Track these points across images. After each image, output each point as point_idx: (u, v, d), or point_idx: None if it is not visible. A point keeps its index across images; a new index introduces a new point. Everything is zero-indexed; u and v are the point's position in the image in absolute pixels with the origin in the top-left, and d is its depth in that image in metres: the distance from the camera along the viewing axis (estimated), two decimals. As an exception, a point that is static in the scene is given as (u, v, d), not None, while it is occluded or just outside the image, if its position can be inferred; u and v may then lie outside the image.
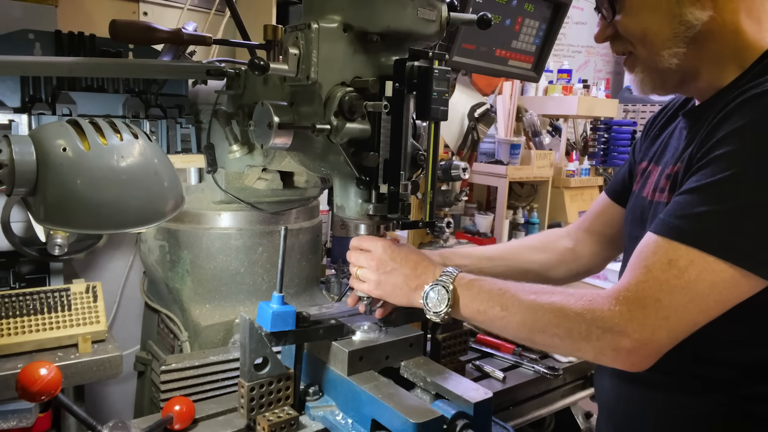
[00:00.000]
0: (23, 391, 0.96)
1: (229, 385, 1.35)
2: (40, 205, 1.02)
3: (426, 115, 1.05)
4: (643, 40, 1.01)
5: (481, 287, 1.04)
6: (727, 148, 0.87)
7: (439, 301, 1.04)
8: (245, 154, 1.33)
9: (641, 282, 0.87)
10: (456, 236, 3.39)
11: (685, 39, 0.97)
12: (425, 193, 1.11)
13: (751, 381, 0.97)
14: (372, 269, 1.14)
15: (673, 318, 0.85)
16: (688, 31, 0.96)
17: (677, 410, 1.04)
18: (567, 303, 0.93)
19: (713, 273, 0.84)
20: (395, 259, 1.12)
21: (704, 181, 0.88)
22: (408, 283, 1.10)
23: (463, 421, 1.05)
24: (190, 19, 2.24)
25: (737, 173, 0.85)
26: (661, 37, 0.98)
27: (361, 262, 1.16)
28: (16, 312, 1.45)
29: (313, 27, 1.00)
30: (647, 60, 1.02)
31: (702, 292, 0.85)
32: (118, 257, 2.13)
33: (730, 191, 0.85)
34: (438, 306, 1.04)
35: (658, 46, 0.99)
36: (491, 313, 1.01)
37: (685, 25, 0.96)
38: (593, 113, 3.91)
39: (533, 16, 1.81)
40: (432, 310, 1.05)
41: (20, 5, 1.72)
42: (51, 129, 1.05)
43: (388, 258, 1.12)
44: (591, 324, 0.89)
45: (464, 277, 1.06)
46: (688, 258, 0.85)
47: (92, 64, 1.30)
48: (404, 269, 1.11)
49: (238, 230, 1.52)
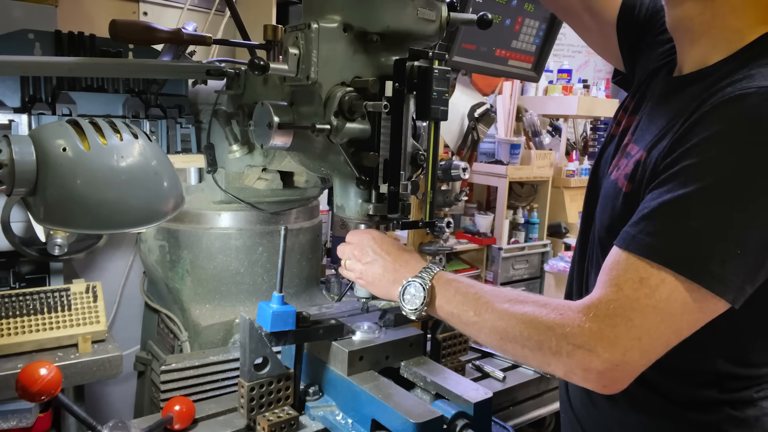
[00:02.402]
0: (23, 391, 0.97)
1: (229, 385, 1.35)
2: (40, 205, 1.02)
3: (426, 115, 1.05)
4: None
5: (458, 289, 1.02)
6: (699, 158, 0.84)
7: (416, 297, 1.03)
8: (245, 154, 1.33)
9: (612, 300, 0.84)
10: (456, 236, 3.39)
11: None
12: (425, 193, 1.11)
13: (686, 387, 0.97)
14: (355, 258, 1.15)
15: (645, 338, 0.82)
16: None
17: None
18: (539, 315, 0.90)
19: (684, 293, 0.81)
20: (376, 250, 1.12)
21: (676, 193, 0.84)
22: (386, 276, 1.10)
23: (463, 421, 1.05)
24: (190, 19, 2.24)
25: (710, 188, 0.82)
26: None
27: (345, 253, 1.18)
28: (16, 312, 1.45)
29: (313, 27, 1.00)
30: None
31: (674, 311, 0.82)
32: (118, 257, 2.13)
33: (700, 209, 0.82)
34: (413, 303, 1.03)
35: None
36: (464, 318, 0.99)
37: None
38: (593, 113, 3.91)
39: (533, 16, 1.82)
40: (407, 306, 1.04)
41: (20, 5, 1.72)
42: (51, 129, 1.05)
43: (369, 249, 1.13)
44: (561, 339, 0.86)
45: (443, 276, 1.05)
46: (660, 277, 0.82)
47: (92, 64, 1.30)
48: (384, 261, 1.11)
49: (238, 230, 1.52)
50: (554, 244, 3.69)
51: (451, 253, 3.15)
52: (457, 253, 3.43)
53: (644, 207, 0.89)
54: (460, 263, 3.48)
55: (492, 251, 3.46)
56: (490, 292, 0.99)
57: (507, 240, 3.49)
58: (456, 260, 3.47)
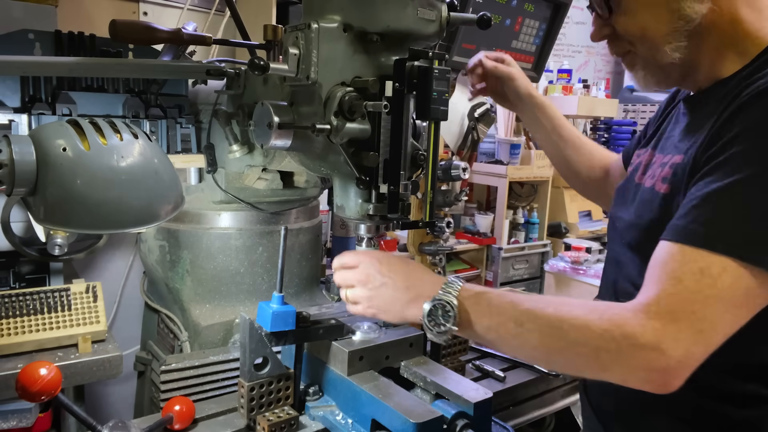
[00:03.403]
0: (23, 391, 0.96)
1: (229, 385, 1.35)
2: (40, 205, 1.02)
3: (426, 115, 1.05)
4: (642, 38, 0.99)
5: (490, 301, 0.93)
6: (745, 145, 0.83)
7: (443, 317, 0.93)
8: (245, 154, 1.33)
9: (672, 294, 0.81)
10: (456, 236, 3.39)
11: (685, 33, 0.95)
12: (425, 193, 1.11)
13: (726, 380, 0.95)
14: (360, 285, 1.04)
15: (709, 330, 0.80)
16: (688, 24, 0.94)
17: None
18: (591, 318, 0.84)
19: (749, 279, 0.80)
20: (383, 271, 1.02)
21: (726, 181, 0.83)
22: (400, 297, 1.00)
23: (463, 421, 1.05)
24: (190, 19, 2.24)
25: (760, 173, 0.82)
26: (661, 32, 0.96)
27: (348, 280, 1.06)
28: (16, 312, 1.45)
29: (313, 27, 1.00)
30: (648, 57, 1.00)
31: (737, 299, 0.81)
32: (118, 257, 2.13)
33: (755, 193, 0.82)
34: (440, 324, 0.93)
35: (659, 41, 0.97)
36: (504, 331, 0.90)
37: (684, 20, 0.94)
38: (593, 113, 3.91)
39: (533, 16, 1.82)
40: (434, 329, 0.93)
41: (20, 5, 1.72)
42: (51, 129, 1.05)
43: (375, 271, 1.02)
44: (622, 341, 0.81)
45: (470, 288, 0.95)
46: (721, 265, 0.80)
47: (92, 64, 1.30)
48: (395, 281, 1.01)
49: (238, 230, 1.52)
50: (554, 244, 3.69)
51: (451, 253, 3.15)
52: (457, 253, 3.43)
53: (692, 198, 0.87)
54: (460, 263, 3.48)
55: (492, 251, 3.46)
56: (529, 300, 0.91)
57: (507, 240, 3.49)
58: (456, 260, 3.47)
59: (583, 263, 3.31)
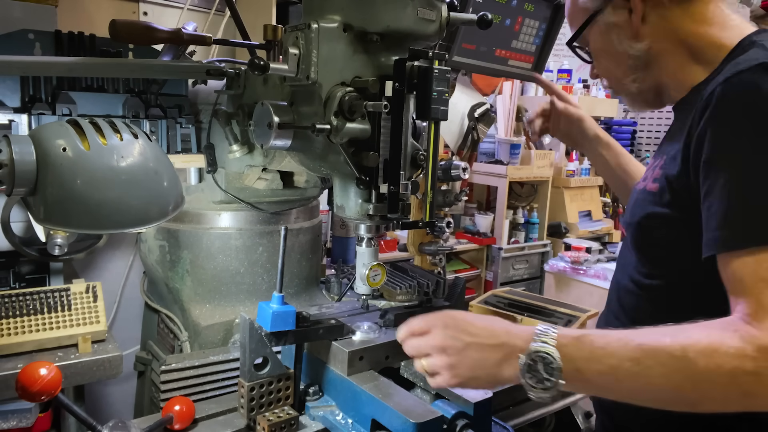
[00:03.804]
0: (23, 391, 0.96)
1: (229, 385, 1.35)
2: (40, 205, 1.02)
3: (426, 115, 1.05)
4: (608, 77, 1.20)
5: (594, 343, 0.83)
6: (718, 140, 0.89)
7: (546, 371, 0.82)
8: (245, 154, 1.33)
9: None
10: (456, 236, 3.39)
11: (638, 66, 1.12)
12: (425, 193, 1.11)
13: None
14: (438, 353, 0.92)
15: None
16: (636, 60, 1.11)
17: None
18: (716, 339, 0.78)
19: None
20: (462, 332, 0.90)
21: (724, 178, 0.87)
22: (490, 357, 0.88)
23: (463, 421, 1.05)
24: (190, 19, 2.24)
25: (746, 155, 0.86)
26: (620, 70, 1.15)
27: (422, 349, 0.94)
28: (16, 312, 1.45)
29: (313, 27, 1.00)
30: (618, 89, 1.20)
31: None
32: (118, 257, 2.13)
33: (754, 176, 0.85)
34: (545, 380, 0.82)
35: (620, 77, 1.16)
36: (621, 374, 0.80)
37: (632, 58, 1.11)
38: (593, 113, 3.91)
39: (533, 16, 1.81)
40: (538, 386, 0.82)
41: (20, 5, 1.72)
42: (51, 129, 1.05)
43: (453, 333, 0.91)
44: (760, 357, 0.74)
45: (567, 335, 0.84)
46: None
47: (92, 64, 1.30)
48: (479, 340, 0.89)
49: (238, 230, 1.52)
50: (554, 244, 3.69)
51: (451, 253, 3.15)
52: (457, 253, 3.43)
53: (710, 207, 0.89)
54: (460, 263, 3.48)
55: (492, 251, 3.46)
56: (637, 334, 0.83)
57: (507, 240, 3.49)
58: (456, 260, 3.47)
59: (583, 263, 3.31)
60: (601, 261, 3.34)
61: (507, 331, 0.89)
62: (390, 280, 1.63)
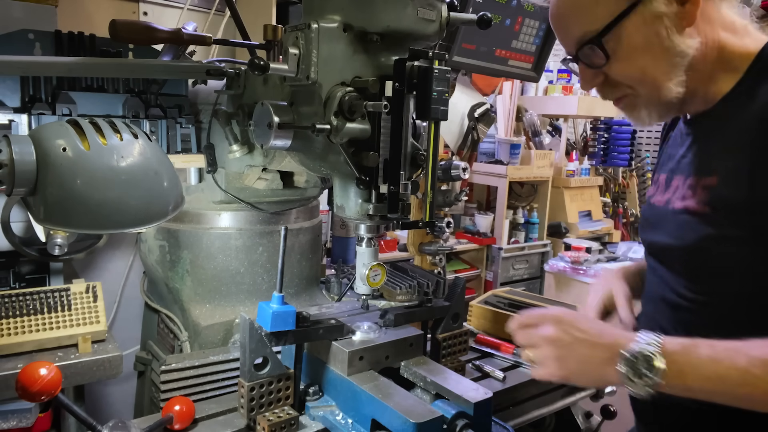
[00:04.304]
0: (23, 391, 0.96)
1: (229, 385, 1.35)
2: (40, 205, 1.02)
3: (426, 115, 1.05)
4: (642, 80, 1.01)
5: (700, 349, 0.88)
6: None
7: (647, 369, 0.87)
8: (245, 154, 1.33)
9: None
10: (456, 236, 3.39)
11: (683, 66, 0.99)
12: (425, 193, 1.11)
13: None
14: (548, 344, 0.96)
15: None
16: (684, 59, 0.98)
17: None
18: None
19: None
20: (573, 328, 0.95)
21: None
22: (597, 355, 0.92)
23: (463, 421, 1.05)
24: (190, 19, 2.25)
25: None
26: (660, 71, 0.99)
27: (534, 339, 0.99)
28: (16, 312, 1.45)
29: (313, 27, 1.00)
30: (650, 96, 1.02)
31: None
32: (118, 257, 2.13)
33: None
34: (645, 376, 0.87)
35: (661, 80, 0.99)
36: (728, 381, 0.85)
37: (680, 55, 0.98)
38: (593, 113, 3.91)
39: (533, 16, 1.82)
40: (637, 381, 0.87)
41: (20, 5, 1.72)
42: (51, 129, 1.05)
43: (565, 328, 0.95)
44: None
45: (671, 341, 0.89)
46: None
47: (92, 64, 1.30)
48: (589, 338, 0.94)
49: (238, 230, 1.52)
50: (554, 244, 3.70)
51: (451, 253, 3.15)
52: (457, 253, 3.43)
53: None
54: (460, 263, 3.48)
55: (492, 251, 3.46)
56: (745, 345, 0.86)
57: (507, 240, 3.49)
58: (456, 260, 3.47)
59: (583, 263, 3.31)
60: (601, 261, 3.35)
61: (615, 333, 0.94)
62: (390, 280, 1.63)
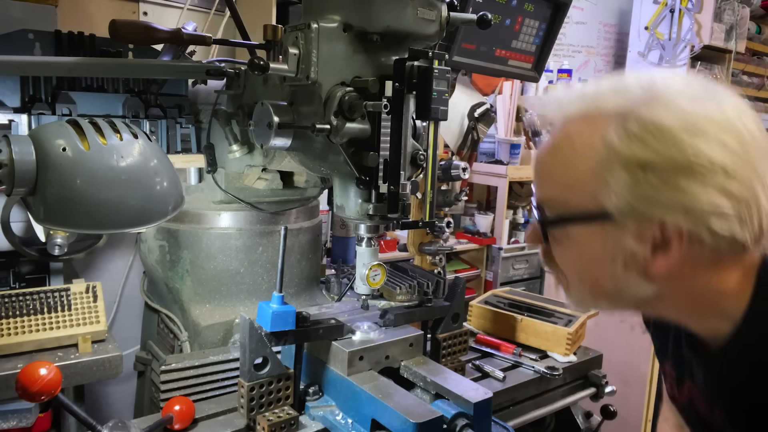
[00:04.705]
0: (23, 391, 0.96)
1: (229, 385, 1.35)
2: (40, 205, 1.02)
3: (426, 115, 1.05)
4: (580, 280, 0.88)
5: None
6: None
7: None
8: (245, 154, 1.33)
9: None
10: (456, 236, 3.39)
11: (631, 303, 0.87)
12: (425, 193, 1.11)
13: None
14: None
15: None
16: (632, 298, 0.86)
17: None
18: None
19: None
20: None
21: None
22: None
23: (463, 421, 1.05)
24: (190, 19, 2.24)
25: None
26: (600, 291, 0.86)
27: None
28: (16, 312, 1.45)
29: (312, 27, 1.01)
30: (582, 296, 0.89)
31: None
32: (118, 257, 2.13)
33: None
34: None
35: (597, 294, 0.87)
36: None
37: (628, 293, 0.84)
38: (593, 113, 3.90)
39: (533, 16, 1.81)
40: None
41: (20, 5, 1.72)
42: (51, 129, 1.05)
43: None
44: None
45: None
46: None
47: (92, 64, 1.30)
48: None
49: (238, 230, 1.52)
50: (554, 244, 3.69)
51: (451, 253, 3.15)
52: (457, 253, 3.43)
53: None
54: (460, 263, 3.48)
55: (492, 251, 3.46)
56: None
57: (507, 240, 3.49)
58: (456, 260, 3.47)
59: (583, 263, 3.30)
60: (601, 261, 3.34)
61: None
62: (390, 280, 1.63)
